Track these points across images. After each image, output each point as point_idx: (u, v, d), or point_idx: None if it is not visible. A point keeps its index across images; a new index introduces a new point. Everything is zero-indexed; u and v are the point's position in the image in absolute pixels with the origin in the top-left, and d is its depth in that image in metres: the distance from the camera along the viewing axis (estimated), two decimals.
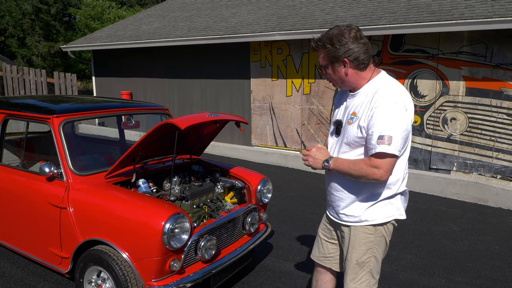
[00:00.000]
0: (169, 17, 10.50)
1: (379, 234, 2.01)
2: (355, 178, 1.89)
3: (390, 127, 1.77)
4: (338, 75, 1.94)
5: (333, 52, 1.88)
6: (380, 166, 1.80)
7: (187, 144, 3.32)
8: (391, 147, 1.77)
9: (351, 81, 1.94)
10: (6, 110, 3.29)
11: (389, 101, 1.81)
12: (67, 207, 2.69)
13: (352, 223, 2.02)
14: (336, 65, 1.91)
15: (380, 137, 1.78)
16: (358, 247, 2.01)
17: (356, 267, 2.03)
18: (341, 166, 1.92)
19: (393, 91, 1.86)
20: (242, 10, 9.09)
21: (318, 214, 4.79)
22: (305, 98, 7.22)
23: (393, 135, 1.77)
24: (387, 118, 1.79)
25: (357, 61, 1.88)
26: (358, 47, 1.86)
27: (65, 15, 26.01)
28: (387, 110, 1.80)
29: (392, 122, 1.78)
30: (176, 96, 9.18)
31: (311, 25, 6.76)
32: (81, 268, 2.65)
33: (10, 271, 3.27)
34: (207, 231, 2.68)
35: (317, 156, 2.00)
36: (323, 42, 1.90)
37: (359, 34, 1.87)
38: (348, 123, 1.95)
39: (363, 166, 1.84)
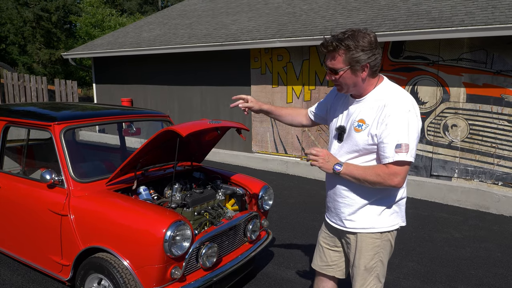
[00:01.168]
0: (170, 24, 10.56)
1: (385, 238, 2.01)
2: (369, 184, 1.87)
3: (406, 135, 1.80)
4: (355, 80, 1.87)
5: (357, 56, 1.80)
6: (399, 173, 1.82)
7: (188, 151, 3.31)
8: (409, 155, 1.80)
9: (363, 87, 1.91)
10: (7, 117, 3.29)
11: (402, 109, 1.82)
12: (68, 214, 2.67)
13: (358, 229, 2.01)
14: (356, 68, 1.84)
15: (398, 145, 1.79)
16: (365, 252, 2.01)
17: (364, 273, 2.03)
18: (355, 171, 1.89)
19: (404, 99, 1.87)
20: (243, 17, 9.14)
21: (319, 221, 4.77)
22: (306, 104, 7.23)
23: (409, 143, 1.79)
24: (403, 126, 1.80)
25: (375, 67, 1.86)
26: (378, 54, 1.85)
27: (66, 22, 26.15)
28: (401, 118, 1.81)
29: (407, 130, 1.80)
30: (177, 103, 9.19)
31: (311, 32, 6.79)
32: (81, 275, 2.63)
33: (10, 279, 3.25)
34: (208, 238, 2.66)
35: (329, 159, 1.96)
36: (347, 44, 1.79)
37: (377, 39, 1.86)
38: (355, 130, 1.93)
39: (380, 172, 1.83)
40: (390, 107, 1.83)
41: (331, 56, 1.87)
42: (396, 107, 1.83)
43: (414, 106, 1.88)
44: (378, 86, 1.93)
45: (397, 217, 2.02)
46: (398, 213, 2.02)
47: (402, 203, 2.03)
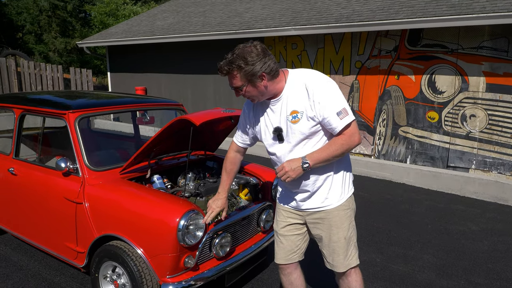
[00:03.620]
0: (183, 12, 10.50)
1: (351, 205, 2.19)
2: (339, 156, 2.01)
3: (338, 101, 1.96)
4: (259, 90, 1.99)
5: (250, 71, 1.92)
6: (354, 132, 1.98)
7: (202, 140, 3.30)
8: (351, 115, 1.96)
9: (271, 90, 2.02)
10: (23, 105, 3.32)
11: (322, 82, 1.99)
12: (83, 202, 2.70)
13: (329, 206, 2.13)
14: (255, 81, 1.96)
15: (338, 113, 1.94)
16: (341, 225, 2.14)
17: (345, 244, 2.15)
18: (321, 156, 1.98)
19: (317, 74, 2.03)
20: (256, 5, 9.03)
21: None
22: None
23: (344, 105, 1.96)
24: (331, 95, 1.96)
25: (272, 72, 1.96)
26: (269, 59, 1.96)
27: (81, 11, 26.28)
28: (326, 89, 1.96)
29: (336, 96, 1.97)
30: (190, 92, 9.18)
31: (326, 20, 6.67)
32: (96, 263, 2.66)
33: (27, 265, 3.32)
34: (221, 228, 2.65)
35: (293, 166, 1.98)
36: (238, 64, 1.92)
37: (264, 47, 1.98)
38: (293, 123, 2.02)
39: (342, 141, 1.97)
40: (311, 86, 1.97)
41: (230, 78, 2.01)
42: (316, 83, 1.98)
43: (326, 77, 2.04)
44: (288, 78, 2.06)
45: (351, 180, 2.23)
46: (351, 177, 2.23)
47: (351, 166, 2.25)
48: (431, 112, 5.99)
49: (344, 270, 2.19)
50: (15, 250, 3.57)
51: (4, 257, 3.44)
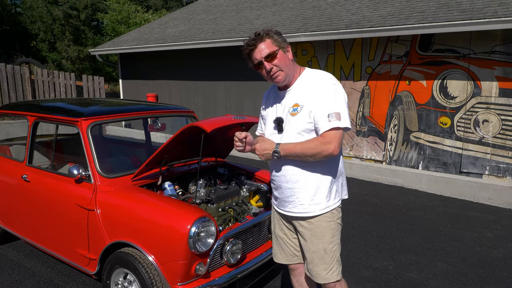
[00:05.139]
0: (194, 20, 10.60)
1: (336, 219, 2.13)
2: (310, 157, 1.95)
3: (335, 104, 1.94)
4: (288, 60, 2.04)
5: (280, 40, 2.02)
6: (332, 141, 1.92)
7: (213, 147, 3.31)
8: (342, 122, 1.92)
9: (291, 70, 2.06)
10: (36, 113, 3.37)
11: (328, 83, 1.99)
12: (95, 209, 2.71)
13: (311, 212, 2.08)
14: (284, 49, 2.03)
15: (330, 115, 1.92)
16: (322, 236, 2.08)
17: (324, 256, 2.10)
18: (293, 149, 1.97)
19: (328, 75, 2.04)
20: (267, 12, 9.07)
21: (345, 218, 4.69)
22: None
23: (340, 111, 1.93)
24: (330, 97, 1.94)
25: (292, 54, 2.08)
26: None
27: (94, 20, 26.71)
28: (328, 90, 1.96)
29: (335, 99, 1.94)
30: (201, 99, 9.24)
31: (336, 26, 6.67)
32: (108, 270, 2.67)
33: (40, 271, 3.35)
34: (232, 235, 2.64)
35: (265, 146, 2.02)
36: (273, 32, 2.04)
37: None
38: (292, 115, 2.04)
39: (317, 143, 1.93)
40: (317, 83, 2.01)
41: (259, 48, 2.01)
42: (321, 81, 2.00)
43: (335, 80, 2.03)
44: (302, 73, 2.11)
45: (339, 192, 2.15)
46: (339, 189, 2.15)
47: (342, 178, 2.17)
48: (443, 117, 5.93)
49: (322, 283, 2.15)
50: (27, 256, 3.61)
51: (17, 263, 3.48)
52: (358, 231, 4.31)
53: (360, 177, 6.58)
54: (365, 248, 3.88)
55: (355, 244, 3.99)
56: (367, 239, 4.10)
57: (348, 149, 7.01)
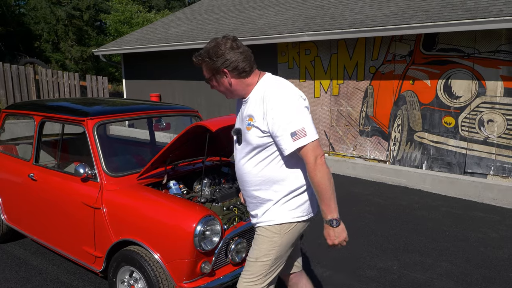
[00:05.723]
0: (197, 19, 10.62)
1: (283, 236, 1.97)
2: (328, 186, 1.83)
3: (297, 120, 1.81)
4: (224, 86, 1.97)
5: (212, 65, 1.91)
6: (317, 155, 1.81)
7: (217, 146, 3.32)
8: (308, 137, 1.81)
9: (238, 89, 1.97)
10: (43, 112, 3.39)
11: (282, 98, 1.84)
12: (101, 208, 2.73)
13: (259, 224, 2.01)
14: (218, 76, 1.94)
15: (293, 134, 1.80)
16: (259, 244, 1.99)
17: (253, 265, 1.99)
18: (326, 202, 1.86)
19: (281, 88, 1.89)
20: (270, 12, 9.08)
21: (348, 218, 4.69)
22: (334, 99, 7.12)
23: (303, 125, 1.81)
24: (289, 114, 1.81)
25: (237, 70, 1.91)
26: (235, 56, 1.89)
27: (97, 20, 26.78)
28: (284, 107, 1.82)
29: (295, 115, 1.82)
30: (204, 98, 9.26)
31: (340, 25, 6.67)
32: (114, 267, 2.69)
33: (46, 268, 3.37)
34: (237, 233, 2.65)
35: (331, 233, 1.93)
36: (202, 57, 1.94)
37: (235, 44, 1.90)
38: (247, 130, 1.94)
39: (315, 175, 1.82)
40: (270, 100, 1.86)
41: (203, 69, 2.00)
42: (275, 98, 1.85)
43: (293, 91, 1.88)
44: (258, 83, 1.97)
45: (304, 207, 1.99)
46: (306, 203, 2.00)
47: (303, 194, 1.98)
48: (447, 117, 5.92)
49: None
50: (34, 254, 3.63)
51: (24, 261, 3.50)
52: (362, 230, 4.32)
53: (363, 177, 6.58)
54: (369, 248, 3.88)
55: (358, 243, 3.99)
56: (371, 239, 4.10)
57: (352, 148, 7.01)
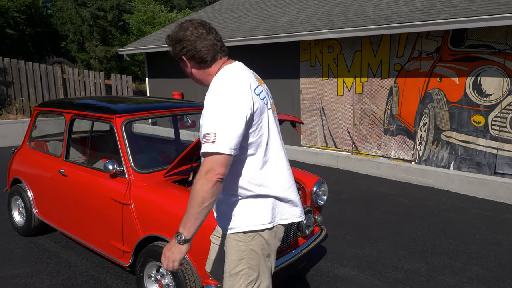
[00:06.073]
0: (219, 18, 10.66)
1: (250, 240, 1.75)
2: (209, 204, 1.56)
3: (214, 122, 1.57)
4: (187, 73, 1.84)
5: (173, 50, 1.80)
6: (212, 168, 1.53)
7: None
8: (216, 145, 1.53)
9: (200, 78, 1.83)
10: (73, 110, 3.47)
11: (216, 94, 1.63)
12: (129, 203, 2.77)
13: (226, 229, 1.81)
14: (181, 63, 1.82)
15: (204, 135, 1.57)
16: (229, 255, 1.79)
17: (228, 280, 1.79)
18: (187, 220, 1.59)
19: (223, 81, 1.67)
20: (291, 9, 9.03)
21: (374, 218, 4.62)
22: (357, 97, 7.02)
23: (217, 131, 1.55)
24: (212, 113, 1.59)
25: (195, 59, 1.76)
26: (192, 44, 1.73)
27: (120, 20, 27.26)
28: (212, 104, 1.61)
29: (216, 116, 1.57)
30: None
31: (364, 22, 6.57)
32: (141, 262, 2.72)
33: (75, 262, 3.45)
34: None
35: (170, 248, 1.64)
36: (168, 41, 1.81)
37: (197, 31, 1.73)
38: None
39: (196, 186, 1.55)
40: (208, 94, 1.67)
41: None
42: (211, 92, 1.66)
43: (235, 87, 1.64)
44: (217, 73, 1.77)
45: (268, 214, 1.75)
46: (270, 210, 1.76)
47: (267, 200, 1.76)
48: (477, 116, 5.74)
49: None
50: (64, 247, 3.73)
51: (55, 253, 3.60)
52: (388, 232, 4.24)
53: (388, 177, 6.47)
54: (396, 249, 3.81)
55: (385, 245, 3.92)
56: (397, 240, 4.02)
57: (375, 147, 6.90)
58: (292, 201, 1.84)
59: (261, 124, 1.69)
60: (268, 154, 1.75)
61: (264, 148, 1.72)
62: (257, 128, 1.68)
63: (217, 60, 1.79)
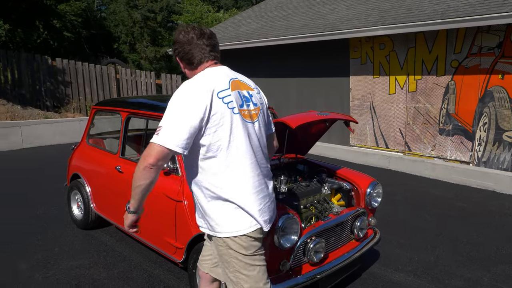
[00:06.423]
0: (267, 17, 10.65)
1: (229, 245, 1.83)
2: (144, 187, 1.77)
3: (165, 117, 1.72)
4: (182, 70, 1.98)
5: (172, 51, 1.96)
6: (145, 155, 1.70)
7: (293, 143, 3.27)
8: (159, 138, 1.67)
9: (190, 78, 1.90)
10: (129, 109, 3.59)
11: (176, 93, 1.77)
12: (182, 201, 2.82)
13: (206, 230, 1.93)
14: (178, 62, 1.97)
15: (158, 128, 1.72)
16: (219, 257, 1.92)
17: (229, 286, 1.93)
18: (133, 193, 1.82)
19: (186, 83, 1.79)
20: (341, 6, 8.83)
21: (429, 222, 4.40)
22: (410, 96, 6.74)
23: (164, 126, 1.69)
24: (167, 109, 1.73)
25: (184, 61, 1.91)
26: (182, 46, 1.87)
27: (169, 21, 28.10)
28: (170, 101, 1.75)
29: (168, 113, 1.72)
30: (272, 95, 9.25)
31: (418, 17, 6.28)
32: (194, 259, 2.75)
33: (130, 255, 3.58)
34: (316, 233, 2.60)
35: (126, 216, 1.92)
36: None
37: (190, 36, 1.86)
38: None
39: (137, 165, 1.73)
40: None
41: None
42: (175, 92, 1.80)
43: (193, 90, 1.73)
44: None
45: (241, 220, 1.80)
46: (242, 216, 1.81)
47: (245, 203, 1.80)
48: None
49: None
50: (119, 241, 3.87)
51: (110, 247, 3.75)
52: (445, 237, 4.02)
53: (443, 179, 6.15)
54: (455, 256, 3.60)
55: (442, 250, 3.72)
56: (456, 246, 3.80)
57: (430, 148, 6.58)
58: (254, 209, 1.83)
59: (221, 128, 1.75)
60: (230, 159, 1.78)
61: (225, 152, 1.77)
62: (216, 130, 1.74)
63: (202, 63, 1.90)
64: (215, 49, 1.91)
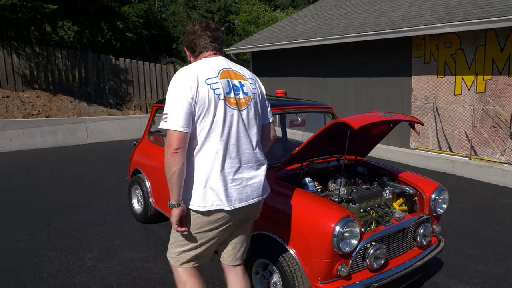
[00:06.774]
0: (325, 16, 10.49)
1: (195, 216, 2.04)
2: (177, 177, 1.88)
3: (167, 104, 1.89)
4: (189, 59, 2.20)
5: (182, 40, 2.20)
6: (168, 142, 1.84)
7: (354, 145, 3.18)
8: (167, 123, 1.84)
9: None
10: None
11: (172, 81, 1.93)
12: None
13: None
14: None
15: (164, 114, 1.88)
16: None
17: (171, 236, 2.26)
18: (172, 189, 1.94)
19: (180, 71, 1.95)
20: (403, 3, 8.47)
21: (499, 232, 4.09)
22: (478, 97, 6.30)
23: (168, 111, 1.86)
24: (167, 97, 1.91)
25: (189, 50, 2.15)
26: (189, 36, 2.11)
27: (226, 21, 28.63)
28: (168, 89, 1.93)
29: (168, 99, 1.89)
30: (329, 95, 9.10)
31: (489, 13, 5.85)
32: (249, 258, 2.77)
33: None
34: (376, 238, 2.50)
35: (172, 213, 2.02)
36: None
37: (196, 27, 2.09)
38: None
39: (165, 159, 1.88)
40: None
41: None
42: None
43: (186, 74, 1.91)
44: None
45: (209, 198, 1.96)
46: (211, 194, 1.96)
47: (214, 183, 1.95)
48: None
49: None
50: None
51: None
52: None
53: None
54: None
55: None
56: None
57: (499, 153, 6.11)
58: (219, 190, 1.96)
59: (208, 112, 1.91)
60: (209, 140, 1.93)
61: (205, 134, 1.93)
62: (204, 115, 1.90)
63: (202, 53, 2.11)
64: (217, 41, 2.11)
